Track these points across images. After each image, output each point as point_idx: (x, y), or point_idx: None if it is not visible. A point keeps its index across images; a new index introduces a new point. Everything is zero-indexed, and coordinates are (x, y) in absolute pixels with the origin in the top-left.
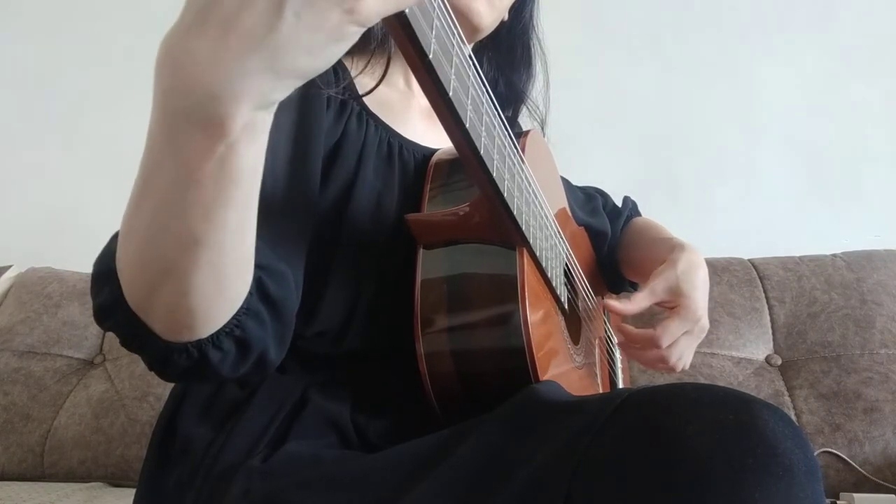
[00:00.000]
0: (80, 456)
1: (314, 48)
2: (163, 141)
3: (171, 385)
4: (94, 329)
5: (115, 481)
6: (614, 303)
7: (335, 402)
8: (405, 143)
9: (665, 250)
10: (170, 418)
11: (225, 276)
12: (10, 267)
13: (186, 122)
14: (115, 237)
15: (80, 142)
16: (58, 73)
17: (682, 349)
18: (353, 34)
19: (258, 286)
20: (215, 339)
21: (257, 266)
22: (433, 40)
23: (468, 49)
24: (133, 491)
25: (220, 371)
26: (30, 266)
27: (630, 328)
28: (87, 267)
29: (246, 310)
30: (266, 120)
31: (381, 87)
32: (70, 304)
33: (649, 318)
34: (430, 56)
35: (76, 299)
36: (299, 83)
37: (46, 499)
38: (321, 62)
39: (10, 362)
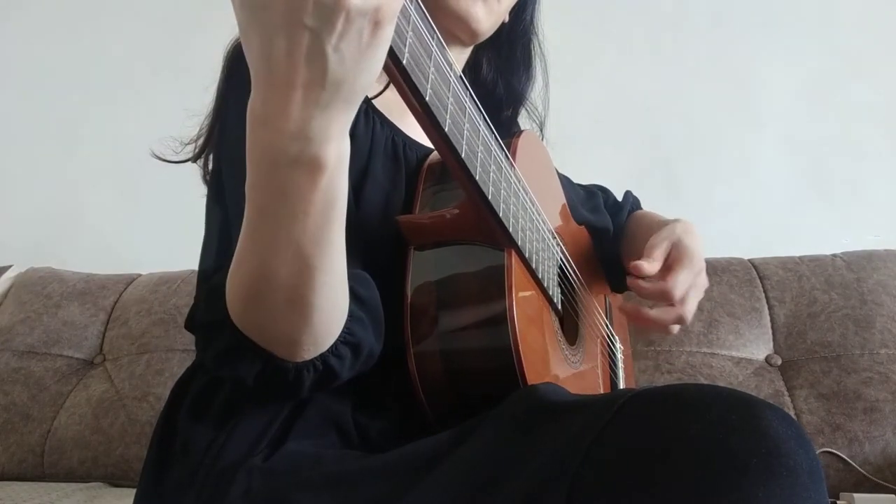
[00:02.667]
0: (80, 456)
1: (365, 66)
2: (269, 190)
3: (171, 385)
4: (94, 329)
5: (115, 481)
6: (641, 263)
7: (336, 400)
8: (408, 142)
9: (661, 227)
10: (170, 418)
11: (336, 292)
12: (10, 267)
13: (290, 167)
14: (210, 290)
15: (81, 142)
16: (58, 74)
17: (690, 302)
18: (390, 33)
19: (351, 293)
20: (334, 348)
21: None
22: (407, 46)
23: (450, 53)
24: (133, 491)
25: (342, 375)
26: (30, 266)
27: (642, 283)
28: (87, 267)
29: (350, 316)
30: (348, 143)
31: (380, 86)
32: (70, 304)
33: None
34: (404, 61)
35: (76, 299)
36: (363, 97)
37: (46, 499)
38: (375, 70)
39: (10, 362)
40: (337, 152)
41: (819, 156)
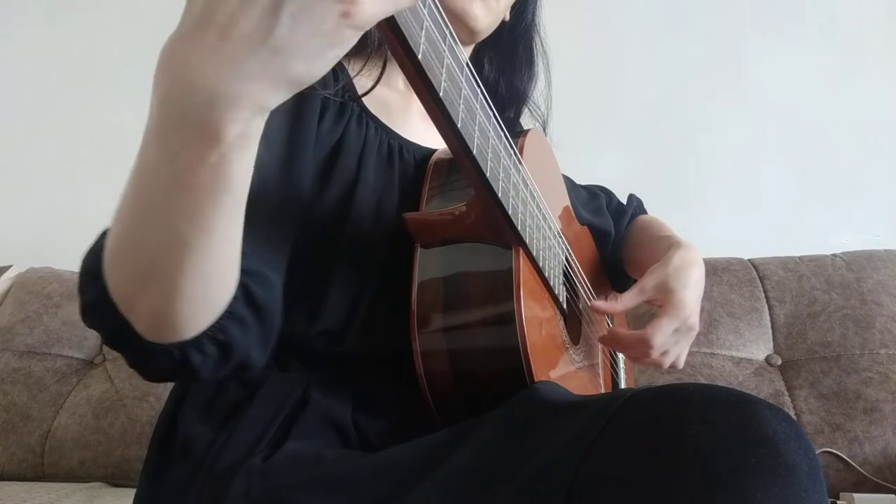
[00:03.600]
0: (80, 456)
1: (311, 53)
2: (157, 145)
3: (172, 385)
4: None
5: (115, 481)
6: (599, 303)
7: (336, 401)
8: (405, 144)
9: (663, 248)
10: (170, 418)
11: (210, 281)
12: (10, 267)
13: (182, 126)
14: (103, 235)
15: (81, 142)
16: (58, 74)
17: (673, 349)
18: (350, 38)
19: (244, 292)
20: (197, 342)
21: (244, 272)
22: (422, 41)
23: (462, 50)
24: (133, 491)
25: (201, 373)
26: (30, 266)
27: (622, 331)
28: None
29: (230, 314)
30: (259, 127)
31: (380, 88)
32: (70, 304)
33: (645, 311)
34: (420, 56)
35: (76, 299)
36: (296, 90)
37: (46, 499)
38: (318, 68)
39: (10, 362)
40: (239, 131)
41: (819, 156)
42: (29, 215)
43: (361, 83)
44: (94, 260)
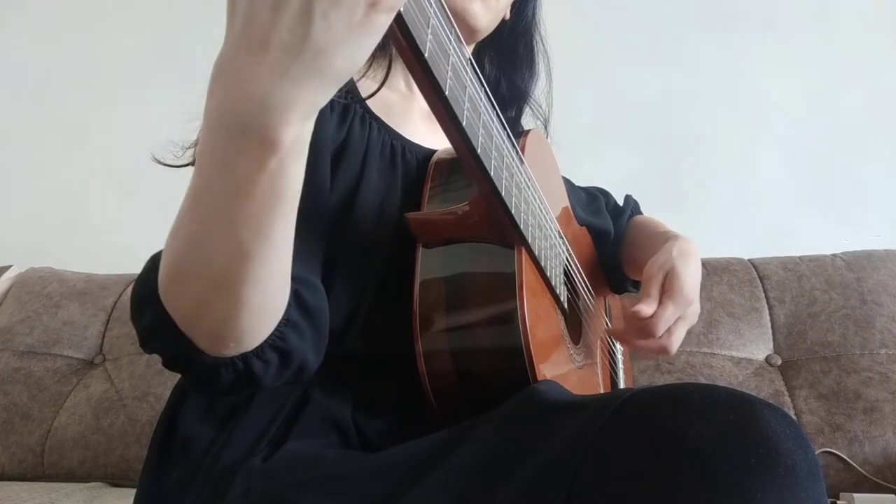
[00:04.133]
0: (80, 456)
1: (349, 46)
2: (215, 158)
3: (172, 385)
4: (94, 329)
5: (115, 481)
6: (641, 307)
7: (336, 401)
8: (408, 146)
9: (661, 242)
10: (170, 418)
11: (270, 289)
12: (10, 267)
13: (241, 135)
14: (152, 261)
15: (81, 142)
16: (59, 74)
17: (677, 334)
18: (384, 23)
19: (296, 298)
20: (259, 351)
21: (293, 278)
22: (429, 39)
23: (467, 49)
24: (133, 491)
25: (264, 381)
26: (30, 266)
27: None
28: (87, 267)
29: (286, 321)
30: (310, 130)
31: (382, 89)
32: (70, 304)
33: None
34: (426, 55)
35: (76, 299)
36: (341, 84)
37: (46, 499)
38: (359, 58)
39: (10, 362)
40: (294, 136)
41: (819, 156)
42: (29, 215)
43: (365, 85)
44: (147, 286)
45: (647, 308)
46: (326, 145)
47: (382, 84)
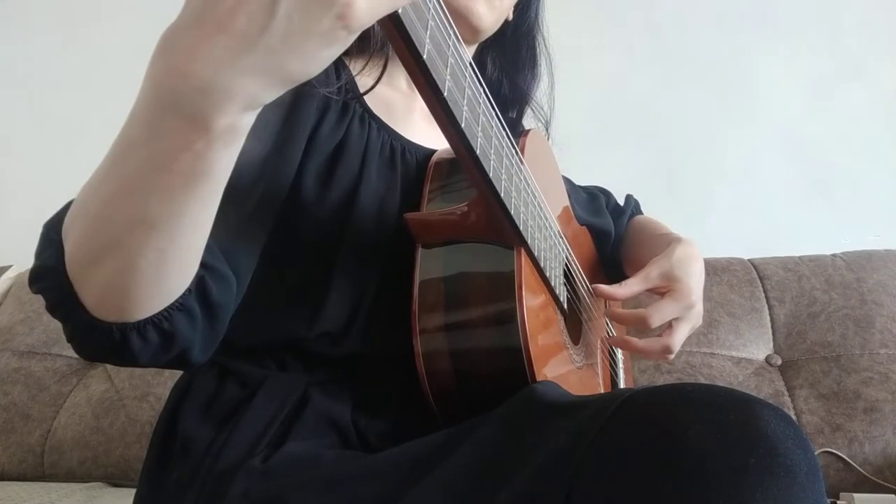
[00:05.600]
0: (80, 456)
1: (305, 52)
2: (144, 125)
3: (172, 385)
4: None
5: (115, 481)
6: (605, 287)
7: (336, 402)
8: (407, 146)
9: (663, 244)
10: (170, 418)
11: (167, 267)
12: (10, 267)
13: (173, 112)
14: (69, 204)
15: (81, 142)
16: (58, 74)
17: (676, 334)
18: (344, 39)
19: (199, 285)
20: (141, 326)
21: (203, 265)
22: (427, 40)
23: (465, 50)
24: (133, 491)
25: (139, 358)
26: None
27: (621, 310)
28: None
29: (180, 305)
30: (249, 123)
31: (383, 88)
32: None
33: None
34: (425, 56)
35: None
36: (288, 87)
37: (46, 499)
38: (312, 67)
39: (10, 362)
40: (227, 125)
41: (819, 156)
42: (29, 215)
43: (363, 82)
44: (54, 227)
45: (612, 289)
46: (298, 142)
47: (378, 80)
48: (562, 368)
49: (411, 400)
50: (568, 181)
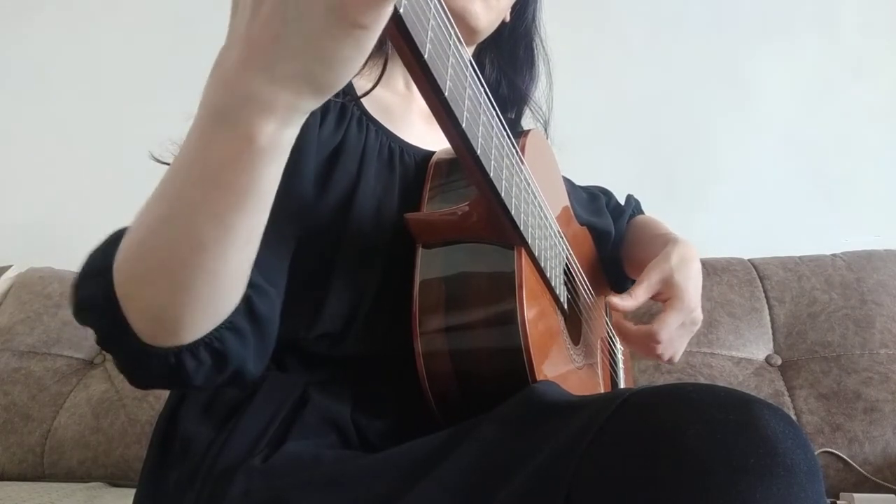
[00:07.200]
0: (80, 456)
1: (325, 53)
2: (196, 141)
3: None
4: None
5: (115, 481)
6: (617, 300)
7: (336, 401)
8: (406, 147)
9: (660, 245)
10: (170, 418)
11: (220, 286)
12: (10, 267)
13: (221, 124)
14: (115, 234)
15: (81, 142)
16: (59, 74)
17: (678, 342)
18: (358, 37)
19: (246, 303)
20: (194, 348)
21: (247, 284)
22: (428, 40)
23: (467, 51)
24: (133, 491)
25: (193, 381)
26: (30, 266)
27: (628, 326)
28: None
29: (229, 324)
30: (290, 139)
31: (381, 90)
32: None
33: (645, 311)
34: (426, 56)
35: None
36: (323, 95)
37: (46, 499)
38: (338, 70)
39: (10, 362)
40: (271, 135)
41: (819, 156)
42: (29, 215)
43: (360, 84)
44: (99, 257)
45: (622, 302)
46: (310, 151)
47: (377, 82)
48: (562, 368)
49: (411, 400)
50: (568, 181)
